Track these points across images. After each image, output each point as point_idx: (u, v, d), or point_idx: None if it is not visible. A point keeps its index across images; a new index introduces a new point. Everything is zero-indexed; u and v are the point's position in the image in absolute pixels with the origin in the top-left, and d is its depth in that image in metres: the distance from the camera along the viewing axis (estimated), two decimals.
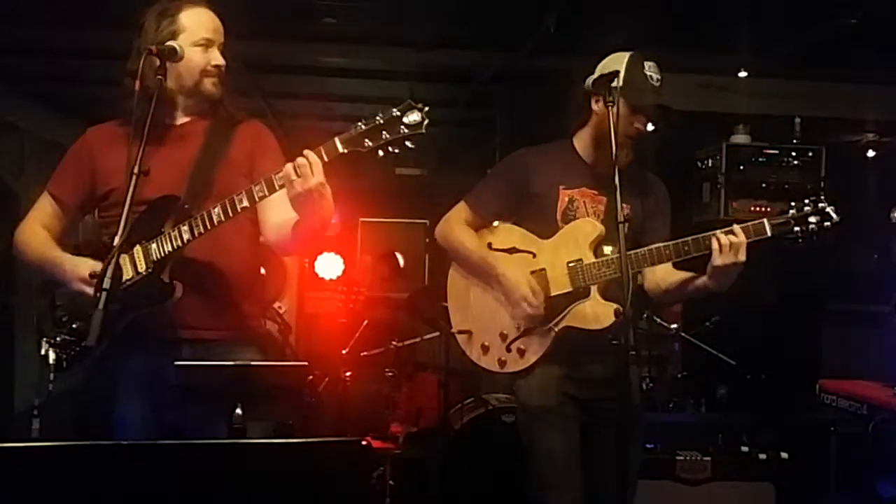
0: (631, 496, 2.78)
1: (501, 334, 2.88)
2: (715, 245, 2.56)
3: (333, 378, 5.20)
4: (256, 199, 2.32)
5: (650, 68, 2.80)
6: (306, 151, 2.25)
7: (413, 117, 2.23)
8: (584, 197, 2.86)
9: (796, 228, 2.57)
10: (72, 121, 6.73)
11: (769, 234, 2.58)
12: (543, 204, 2.86)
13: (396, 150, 2.26)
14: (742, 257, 2.55)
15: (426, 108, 2.24)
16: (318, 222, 2.39)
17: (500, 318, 2.89)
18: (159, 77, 2.38)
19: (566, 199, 2.85)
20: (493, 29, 5.15)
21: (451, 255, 3.05)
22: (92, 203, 2.61)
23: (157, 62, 2.39)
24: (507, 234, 2.96)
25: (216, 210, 2.33)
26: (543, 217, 2.86)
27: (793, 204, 2.60)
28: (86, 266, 2.40)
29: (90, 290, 2.34)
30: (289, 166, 2.26)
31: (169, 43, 2.42)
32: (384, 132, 2.23)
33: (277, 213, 2.46)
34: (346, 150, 2.25)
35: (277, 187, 2.29)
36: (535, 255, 2.87)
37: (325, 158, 2.25)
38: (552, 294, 2.80)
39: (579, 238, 2.80)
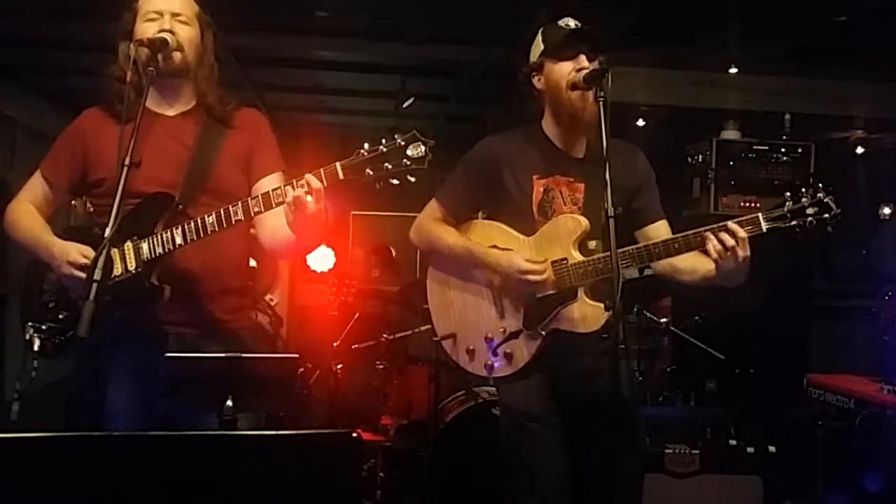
0: (637, 492, 2.77)
1: (486, 338, 2.74)
2: (710, 248, 2.39)
3: (324, 370, 5.21)
4: (252, 213, 2.31)
5: (564, 21, 2.65)
6: (308, 176, 2.22)
7: (417, 150, 2.18)
8: (560, 186, 2.69)
9: (793, 222, 2.35)
10: (64, 112, 6.71)
11: (764, 230, 2.37)
12: (517, 195, 2.70)
13: (397, 182, 2.21)
14: (744, 254, 2.36)
15: (432, 143, 2.19)
16: (312, 242, 2.38)
17: (484, 320, 2.75)
18: (151, 69, 2.37)
19: (541, 189, 2.68)
20: (485, 23, 5.15)
21: (430, 253, 2.90)
22: (83, 188, 2.60)
23: (149, 53, 2.38)
24: (485, 230, 2.80)
25: (210, 219, 2.32)
26: (519, 210, 2.71)
27: (787, 195, 2.38)
28: (75, 250, 2.39)
29: (79, 274, 2.34)
30: (288, 188, 2.24)
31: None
32: (386, 163, 2.18)
33: (274, 215, 2.41)
34: (346, 177, 2.21)
35: (275, 205, 2.27)
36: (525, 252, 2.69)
37: (325, 183, 2.22)
38: (538, 296, 2.64)
39: (562, 235, 2.63)
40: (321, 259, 7.51)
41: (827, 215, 2.35)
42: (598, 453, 2.72)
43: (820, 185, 2.36)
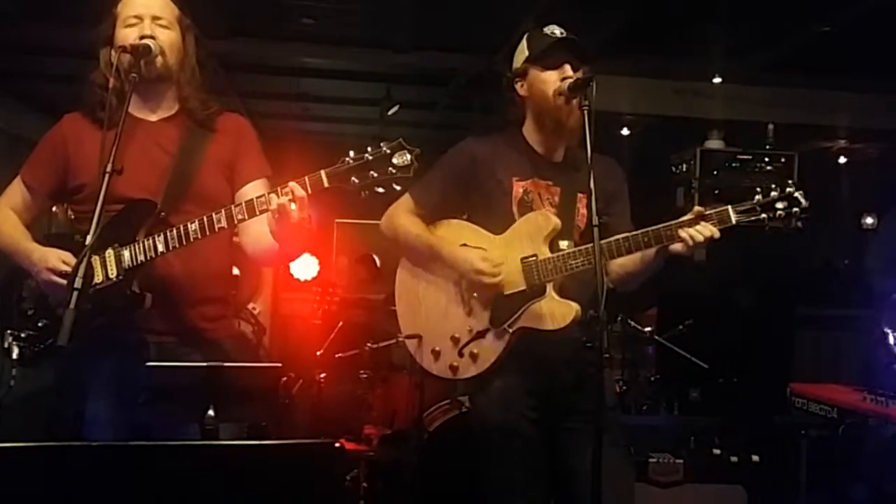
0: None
1: (453, 338, 2.70)
2: (685, 236, 2.40)
3: (308, 379, 5.18)
4: (235, 221, 2.30)
5: (550, 28, 2.65)
6: (292, 184, 2.21)
7: (403, 158, 2.17)
8: (538, 188, 2.69)
9: (763, 215, 2.37)
10: (42, 116, 6.67)
11: (733, 222, 2.39)
12: (497, 196, 2.69)
13: (382, 190, 2.20)
14: (710, 237, 2.39)
15: (417, 151, 2.18)
16: (296, 250, 2.36)
17: (451, 321, 2.71)
18: (133, 75, 2.35)
19: (520, 190, 2.68)
20: (471, 32, 5.16)
21: (396, 244, 2.88)
22: (63, 194, 2.57)
23: (132, 60, 2.36)
24: (457, 229, 2.78)
25: (193, 227, 2.30)
26: (498, 210, 2.69)
27: (759, 189, 2.40)
28: (54, 256, 2.37)
29: (59, 280, 2.32)
30: (272, 196, 2.22)
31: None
32: (371, 171, 2.17)
33: (259, 222, 2.37)
34: (331, 185, 2.20)
35: (258, 212, 2.26)
36: (486, 252, 2.68)
37: (309, 192, 2.20)
38: (506, 293, 2.61)
39: (533, 232, 2.61)
40: (305, 267, 7.50)
41: (797, 209, 2.35)
42: (580, 463, 2.60)
43: (791, 181, 2.37)
